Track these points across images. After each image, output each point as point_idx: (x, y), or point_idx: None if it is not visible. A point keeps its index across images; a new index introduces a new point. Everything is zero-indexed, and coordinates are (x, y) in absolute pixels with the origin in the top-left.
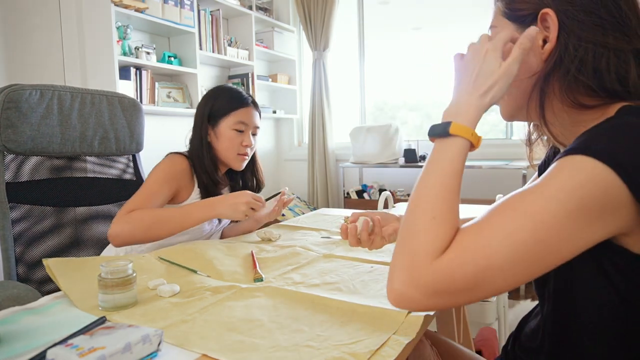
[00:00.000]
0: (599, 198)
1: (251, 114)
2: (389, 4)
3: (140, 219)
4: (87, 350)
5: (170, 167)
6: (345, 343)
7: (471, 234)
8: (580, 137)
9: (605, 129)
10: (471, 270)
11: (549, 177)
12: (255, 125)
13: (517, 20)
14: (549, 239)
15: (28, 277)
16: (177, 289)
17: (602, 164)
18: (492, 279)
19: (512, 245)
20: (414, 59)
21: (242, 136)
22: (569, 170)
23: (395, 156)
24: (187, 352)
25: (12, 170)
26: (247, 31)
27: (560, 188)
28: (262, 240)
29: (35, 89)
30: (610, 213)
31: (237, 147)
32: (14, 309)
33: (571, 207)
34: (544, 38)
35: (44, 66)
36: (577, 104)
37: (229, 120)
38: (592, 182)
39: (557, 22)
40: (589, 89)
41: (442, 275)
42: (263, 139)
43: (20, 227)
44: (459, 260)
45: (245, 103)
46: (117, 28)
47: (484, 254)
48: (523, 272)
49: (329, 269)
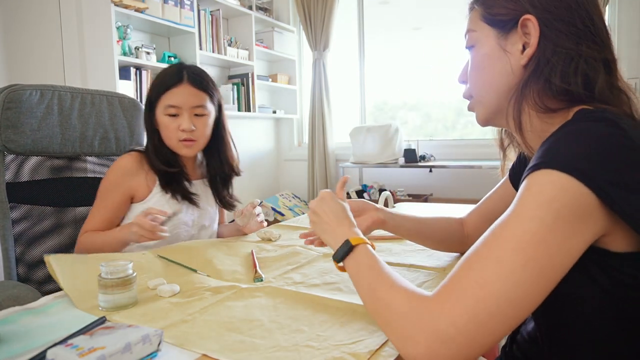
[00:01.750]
0: (572, 207)
1: (183, 93)
2: (389, 4)
3: (83, 247)
4: (87, 350)
5: (113, 173)
6: (345, 343)
7: (463, 273)
8: (542, 145)
9: (560, 138)
10: (473, 307)
11: (521, 198)
12: (193, 105)
13: (498, 25)
14: (540, 258)
15: (28, 277)
16: (177, 289)
17: (565, 174)
18: (498, 310)
19: (506, 272)
20: (414, 59)
21: (178, 120)
22: (537, 186)
23: (395, 156)
24: (187, 352)
25: (12, 170)
26: (247, 31)
27: (534, 206)
28: (262, 240)
29: (35, 89)
30: (588, 218)
31: (175, 133)
32: (14, 309)
33: (549, 221)
34: (523, 44)
35: (44, 66)
36: (544, 107)
37: (160, 107)
38: (561, 193)
39: (539, 28)
40: (556, 92)
41: (447, 323)
42: (263, 139)
43: (21, 227)
44: (461, 303)
45: (172, 83)
46: (117, 28)
47: (481, 288)
48: (527, 296)
49: (329, 269)
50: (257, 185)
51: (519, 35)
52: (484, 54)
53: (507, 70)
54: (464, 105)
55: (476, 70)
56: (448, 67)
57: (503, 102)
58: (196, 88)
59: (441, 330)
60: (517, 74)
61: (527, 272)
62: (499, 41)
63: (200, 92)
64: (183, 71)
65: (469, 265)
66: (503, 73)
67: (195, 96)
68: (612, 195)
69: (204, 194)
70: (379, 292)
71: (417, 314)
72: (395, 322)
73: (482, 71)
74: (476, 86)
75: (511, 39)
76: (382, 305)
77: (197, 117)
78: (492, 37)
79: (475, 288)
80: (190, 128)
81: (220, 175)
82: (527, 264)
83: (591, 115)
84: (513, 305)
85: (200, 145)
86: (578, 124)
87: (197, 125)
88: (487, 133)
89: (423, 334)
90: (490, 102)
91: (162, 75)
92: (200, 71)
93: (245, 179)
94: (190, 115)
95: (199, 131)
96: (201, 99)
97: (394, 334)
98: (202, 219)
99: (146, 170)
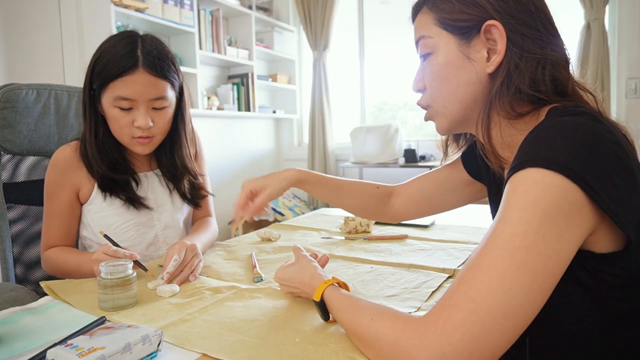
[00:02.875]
0: (560, 205)
1: (138, 82)
2: (389, 4)
3: (48, 268)
4: (87, 351)
5: (51, 171)
6: (346, 343)
7: (454, 288)
8: (521, 147)
9: (539, 134)
10: (465, 322)
11: (506, 202)
12: (151, 97)
13: (458, 31)
14: (531, 262)
15: (26, 277)
16: (177, 289)
17: (549, 171)
18: (494, 322)
19: (497, 280)
20: (414, 59)
21: (132, 114)
22: (522, 187)
23: (395, 156)
24: (187, 352)
25: (8, 170)
26: (247, 31)
27: (520, 208)
28: (262, 241)
29: (32, 88)
30: (577, 214)
31: (128, 129)
32: (13, 309)
33: (537, 222)
34: (487, 50)
35: (44, 66)
36: (513, 112)
37: (107, 96)
38: (548, 192)
39: (505, 34)
40: (526, 98)
41: (442, 342)
42: (263, 139)
43: (18, 228)
44: (453, 319)
45: (123, 68)
46: (117, 28)
47: (472, 301)
48: (522, 304)
49: (329, 269)
50: None
51: (482, 41)
52: (446, 63)
53: (473, 79)
54: None
55: (437, 80)
56: None
57: (468, 113)
58: (155, 76)
59: (437, 350)
60: (483, 82)
61: (519, 278)
62: (461, 49)
63: (159, 80)
64: (137, 51)
65: (460, 279)
66: (468, 82)
67: (153, 86)
68: (598, 191)
69: (159, 188)
70: (362, 329)
71: (407, 339)
72: (388, 354)
73: (444, 80)
74: (438, 97)
75: (474, 46)
76: (369, 341)
77: (156, 110)
78: (453, 44)
79: (466, 301)
80: (148, 125)
81: (171, 174)
82: (518, 269)
83: (567, 111)
84: (508, 315)
85: (158, 142)
86: (555, 119)
87: (156, 120)
88: None
89: (420, 357)
90: (453, 113)
91: (108, 54)
92: (158, 49)
93: (246, 179)
94: (147, 109)
95: (158, 127)
96: (161, 90)
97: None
98: (161, 218)
99: (83, 164)
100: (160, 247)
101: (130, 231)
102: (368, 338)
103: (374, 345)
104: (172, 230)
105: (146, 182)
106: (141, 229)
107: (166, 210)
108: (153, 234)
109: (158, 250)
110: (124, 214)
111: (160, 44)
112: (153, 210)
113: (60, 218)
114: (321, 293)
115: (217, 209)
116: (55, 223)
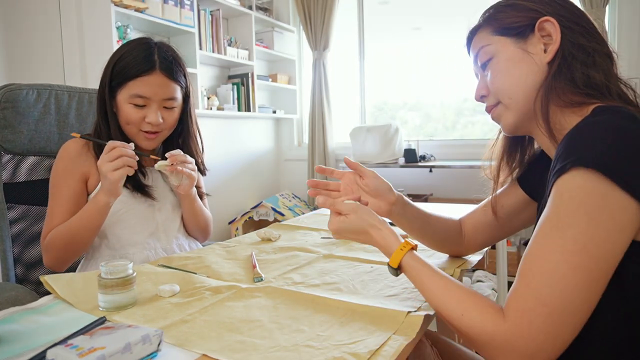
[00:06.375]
0: (603, 206)
1: (154, 83)
2: (389, 4)
3: (53, 246)
4: (87, 351)
5: (60, 160)
6: (345, 343)
7: (524, 291)
8: (563, 144)
9: (582, 132)
10: (544, 324)
11: (553, 208)
12: (164, 97)
13: (514, 32)
14: (585, 263)
15: (26, 277)
16: (177, 289)
17: (592, 173)
18: (563, 321)
19: (560, 286)
20: (413, 59)
21: (145, 111)
22: (568, 193)
23: (395, 156)
24: (187, 352)
25: (9, 170)
26: (247, 31)
27: (567, 213)
28: (262, 241)
29: (32, 89)
30: (623, 213)
31: (138, 124)
32: (14, 309)
33: (584, 226)
34: (543, 44)
35: (44, 66)
36: (568, 101)
37: (124, 93)
38: (591, 196)
39: (559, 26)
40: (579, 84)
41: (536, 340)
42: (263, 139)
43: (18, 228)
44: (534, 324)
45: (142, 70)
46: (117, 28)
47: (545, 306)
48: (584, 302)
49: (329, 269)
50: (257, 185)
51: (537, 38)
52: (507, 60)
53: (533, 68)
54: (464, 105)
55: (501, 75)
56: (448, 67)
57: (531, 104)
58: (168, 78)
59: (526, 353)
60: (543, 71)
61: (577, 279)
62: (519, 45)
63: (172, 82)
64: (154, 56)
65: (526, 282)
66: (529, 72)
67: (166, 87)
68: (637, 188)
69: (161, 183)
70: (452, 320)
71: (500, 342)
72: (479, 349)
73: (507, 74)
74: (504, 89)
75: (530, 43)
76: (460, 331)
77: (166, 109)
78: (510, 44)
79: (540, 306)
80: (158, 121)
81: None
82: (575, 272)
83: (609, 110)
84: (575, 313)
85: (163, 137)
86: (597, 117)
87: (165, 118)
88: (487, 133)
89: (512, 358)
90: (519, 103)
91: (128, 56)
92: (172, 56)
93: (246, 179)
94: (159, 107)
95: (166, 123)
96: (172, 91)
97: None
98: (162, 210)
99: (94, 155)
100: (160, 238)
101: (134, 219)
102: (459, 329)
103: (466, 336)
104: (172, 224)
105: (151, 176)
106: (144, 218)
107: (167, 204)
108: (154, 225)
109: (158, 241)
110: (128, 202)
111: (173, 51)
112: (155, 202)
113: (66, 204)
114: (399, 261)
115: (217, 208)
116: (60, 209)
